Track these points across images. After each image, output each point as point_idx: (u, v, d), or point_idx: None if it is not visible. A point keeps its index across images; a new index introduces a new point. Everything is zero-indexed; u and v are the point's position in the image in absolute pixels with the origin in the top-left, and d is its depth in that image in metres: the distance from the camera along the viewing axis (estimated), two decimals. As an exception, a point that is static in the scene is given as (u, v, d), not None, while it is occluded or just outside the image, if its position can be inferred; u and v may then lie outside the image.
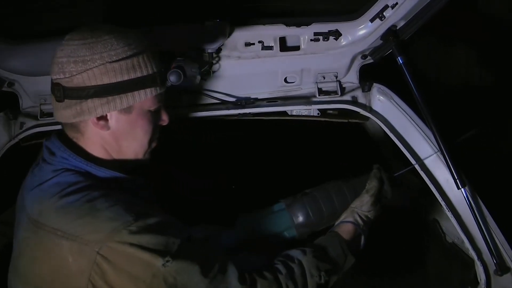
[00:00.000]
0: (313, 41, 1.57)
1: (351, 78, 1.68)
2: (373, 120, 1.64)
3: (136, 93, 1.14)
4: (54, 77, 1.13)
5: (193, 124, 1.65)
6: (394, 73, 1.48)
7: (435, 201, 1.52)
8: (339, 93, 1.65)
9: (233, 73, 1.61)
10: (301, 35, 1.57)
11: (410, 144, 1.56)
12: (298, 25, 1.53)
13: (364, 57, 1.63)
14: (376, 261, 1.91)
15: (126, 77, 1.12)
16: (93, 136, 1.17)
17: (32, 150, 1.43)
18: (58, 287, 1.05)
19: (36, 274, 1.07)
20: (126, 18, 1.37)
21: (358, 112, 1.63)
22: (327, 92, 1.65)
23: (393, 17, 1.43)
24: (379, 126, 1.62)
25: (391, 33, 1.47)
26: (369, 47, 1.58)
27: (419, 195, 1.90)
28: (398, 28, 1.48)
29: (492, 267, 1.44)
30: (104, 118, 1.15)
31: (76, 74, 1.09)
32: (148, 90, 1.15)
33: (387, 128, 1.59)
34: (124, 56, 1.11)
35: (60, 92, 1.12)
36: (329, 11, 1.54)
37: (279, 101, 1.66)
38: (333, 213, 1.39)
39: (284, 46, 1.58)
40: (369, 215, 1.37)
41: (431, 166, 1.53)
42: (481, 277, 1.45)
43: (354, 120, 1.70)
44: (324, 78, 1.65)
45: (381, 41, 1.52)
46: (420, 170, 1.51)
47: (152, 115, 1.21)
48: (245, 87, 1.66)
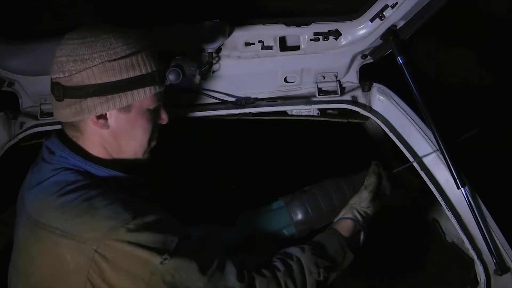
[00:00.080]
0: (313, 41, 1.56)
1: (351, 78, 1.68)
2: (373, 120, 1.64)
3: (135, 91, 1.14)
4: (53, 76, 1.13)
5: (193, 123, 1.65)
6: (394, 73, 1.48)
7: (435, 201, 1.51)
8: (339, 93, 1.65)
9: (233, 72, 1.61)
10: (301, 35, 1.57)
11: (410, 144, 1.55)
12: (298, 25, 1.53)
13: (364, 57, 1.63)
14: (376, 261, 1.92)
15: (125, 76, 1.12)
16: (93, 135, 1.17)
17: (32, 150, 1.43)
18: (57, 286, 1.05)
19: (35, 273, 1.07)
20: (126, 18, 1.37)
21: (358, 112, 1.63)
22: (327, 92, 1.65)
23: (393, 17, 1.42)
24: (379, 126, 1.62)
25: (391, 33, 1.47)
26: (369, 47, 1.58)
27: (419, 195, 1.90)
28: (398, 28, 1.48)
29: (492, 267, 1.43)
30: (103, 117, 1.15)
31: (76, 73, 1.10)
32: (147, 89, 1.16)
33: (387, 128, 1.59)
34: (123, 54, 1.11)
35: (60, 91, 1.12)
36: (329, 11, 1.54)
37: (279, 101, 1.66)
38: (332, 210, 1.39)
39: (284, 46, 1.58)
40: (368, 211, 1.37)
41: (431, 166, 1.52)
42: (481, 277, 1.44)
43: (354, 120, 1.70)
44: (324, 78, 1.65)
45: (381, 41, 1.52)
46: (419, 170, 1.51)
47: (152, 114, 1.21)
48: (245, 86, 1.66)
